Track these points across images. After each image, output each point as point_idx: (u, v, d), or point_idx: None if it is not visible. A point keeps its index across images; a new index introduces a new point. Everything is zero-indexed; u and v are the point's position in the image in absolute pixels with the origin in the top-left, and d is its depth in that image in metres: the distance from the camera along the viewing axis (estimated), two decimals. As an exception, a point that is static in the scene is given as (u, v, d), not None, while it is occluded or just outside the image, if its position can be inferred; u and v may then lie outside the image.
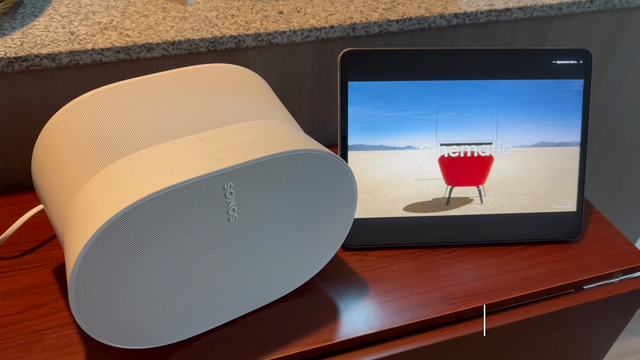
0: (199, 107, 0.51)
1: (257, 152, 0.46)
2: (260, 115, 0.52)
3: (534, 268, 0.65)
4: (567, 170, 0.68)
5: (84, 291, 0.43)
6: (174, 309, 0.50)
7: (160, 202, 0.42)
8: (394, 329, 0.58)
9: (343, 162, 0.51)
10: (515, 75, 0.65)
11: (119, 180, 0.44)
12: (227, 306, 0.54)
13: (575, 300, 0.64)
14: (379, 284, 0.62)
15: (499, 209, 0.67)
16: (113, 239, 0.42)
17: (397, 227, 0.65)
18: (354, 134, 0.64)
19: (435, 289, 0.62)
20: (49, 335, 0.54)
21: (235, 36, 0.68)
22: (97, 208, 0.43)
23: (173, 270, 0.47)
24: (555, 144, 0.67)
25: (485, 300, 0.61)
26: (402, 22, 0.74)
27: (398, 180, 0.65)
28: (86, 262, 0.42)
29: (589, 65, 0.66)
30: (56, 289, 0.59)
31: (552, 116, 0.67)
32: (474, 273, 0.64)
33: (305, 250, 0.55)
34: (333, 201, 0.53)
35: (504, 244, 0.68)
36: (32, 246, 0.63)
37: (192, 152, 0.46)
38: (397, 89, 0.64)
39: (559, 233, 0.68)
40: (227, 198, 0.46)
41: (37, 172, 0.53)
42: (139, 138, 0.47)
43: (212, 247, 0.48)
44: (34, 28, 0.66)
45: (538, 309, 0.63)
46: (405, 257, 0.65)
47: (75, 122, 0.50)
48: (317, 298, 0.60)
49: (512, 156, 0.67)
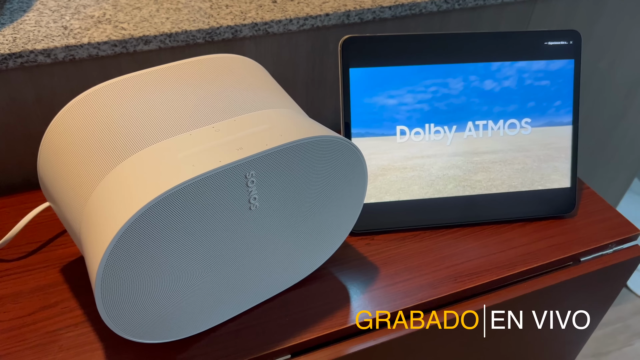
0: (209, 97, 0.51)
1: (276, 140, 0.46)
2: (270, 104, 0.52)
3: (534, 243, 0.68)
4: (560, 149, 0.70)
5: (110, 287, 0.43)
6: (195, 301, 0.50)
7: (185, 194, 0.42)
8: (406, 310, 0.59)
9: (356, 147, 0.52)
10: (510, 57, 0.67)
11: (140, 174, 0.44)
12: (245, 295, 0.54)
13: (574, 272, 0.67)
14: (388, 267, 0.63)
15: (498, 188, 0.69)
16: (139, 232, 0.42)
17: (401, 210, 0.67)
18: (357, 121, 0.65)
19: (442, 269, 0.64)
20: (64, 335, 0.54)
21: (232, 26, 0.67)
22: (122, 202, 0.42)
23: (195, 262, 0.47)
24: (549, 123, 0.70)
25: (491, 277, 0.63)
26: (395, 9, 0.74)
27: (400, 165, 0.66)
28: (113, 257, 0.42)
29: (578, 45, 0.68)
30: (66, 288, 0.58)
31: (544, 97, 0.69)
32: (478, 251, 0.66)
33: (319, 236, 0.56)
34: (346, 186, 0.54)
35: (504, 222, 0.70)
36: (35, 247, 0.62)
37: (210, 143, 0.46)
38: (398, 75, 0.64)
39: (555, 209, 0.71)
40: (248, 187, 0.46)
41: (46, 171, 0.52)
42: (152, 131, 0.47)
43: (233, 236, 0.48)
44: (24, 23, 0.64)
45: (541, 282, 0.65)
46: (411, 239, 0.67)
47: (84, 117, 0.49)
48: (329, 283, 0.61)
49: (508, 137, 0.69)
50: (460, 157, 0.68)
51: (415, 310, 0.60)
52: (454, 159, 0.68)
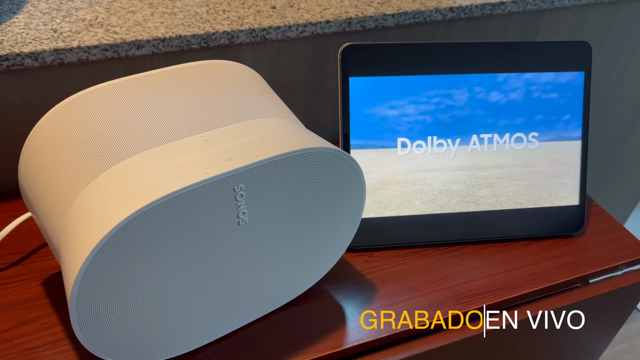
0: (199, 105, 0.48)
1: (268, 151, 0.44)
2: (263, 113, 0.50)
3: (540, 263, 0.65)
4: (569, 165, 0.67)
5: (86, 305, 0.40)
6: (178, 320, 0.47)
7: (169, 207, 0.40)
8: (406, 332, 0.56)
9: (353, 160, 0.49)
10: (517, 68, 0.64)
11: (121, 185, 0.41)
12: (234, 314, 0.52)
13: (582, 294, 0.63)
14: (387, 285, 0.60)
15: (503, 205, 0.66)
16: (118, 248, 0.39)
17: (401, 226, 0.64)
18: (356, 131, 0.62)
19: (444, 289, 0.61)
20: (42, 353, 0.51)
21: (228, 32, 0.65)
22: (100, 215, 0.40)
23: (179, 280, 0.44)
24: (557, 138, 0.67)
25: (494, 298, 0.60)
26: (398, 17, 0.72)
27: (401, 179, 0.63)
28: (89, 275, 0.39)
29: (588, 57, 0.66)
30: (47, 303, 0.55)
31: (553, 110, 0.66)
32: (482, 270, 0.63)
33: (313, 253, 0.53)
34: (342, 200, 0.51)
35: (509, 240, 0.67)
36: (17, 258, 0.59)
37: (198, 153, 0.43)
38: (400, 84, 0.62)
39: (563, 227, 0.67)
40: (237, 201, 0.43)
41: (26, 179, 0.49)
42: (138, 140, 0.44)
43: (220, 253, 0.45)
44: (13, 25, 0.62)
45: (546, 304, 0.62)
46: (411, 257, 0.64)
47: (67, 124, 0.47)
48: (325, 302, 0.58)
49: (515, 151, 0.66)
50: (464, 171, 0.65)
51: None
52: (458, 174, 0.65)
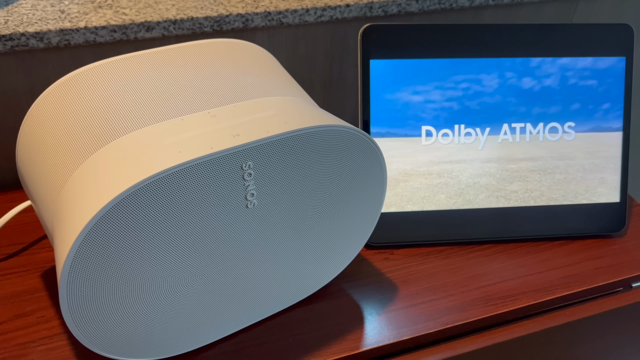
0: (208, 82, 0.45)
1: (279, 127, 0.40)
2: (276, 92, 0.46)
3: (578, 265, 0.60)
4: (608, 158, 0.62)
5: (78, 292, 0.37)
6: (181, 314, 0.43)
7: (168, 183, 0.36)
8: (429, 335, 0.52)
9: (373, 141, 0.45)
10: (552, 52, 0.60)
11: (118, 161, 0.37)
12: (242, 311, 0.47)
13: (624, 299, 0.58)
14: (409, 285, 0.56)
15: (536, 201, 0.61)
16: (112, 227, 0.35)
17: (425, 222, 0.59)
18: (377, 118, 0.58)
19: (472, 290, 0.56)
20: (36, 348, 0.47)
21: (242, 14, 0.62)
22: (93, 192, 0.36)
23: (181, 267, 0.40)
24: (596, 129, 0.62)
25: (527, 301, 0.55)
26: (422, 2, 0.68)
27: (426, 170, 0.59)
28: (80, 257, 0.35)
29: (630, 41, 0.61)
30: (44, 296, 0.52)
31: (591, 98, 0.61)
32: (513, 271, 0.58)
33: (328, 246, 0.49)
34: (361, 189, 0.47)
35: (543, 239, 0.62)
36: (17, 249, 0.57)
37: (203, 129, 0.39)
38: (425, 68, 0.58)
39: (602, 226, 0.62)
40: (245, 180, 0.39)
41: (23, 162, 0.46)
42: (140, 115, 0.41)
43: (226, 238, 0.41)
44: (19, 7, 0.59)
45: (585, 309, 0.57)
46: (435, 255, 0.59)
47: (64, 102, 0.44)
48: (341, 301, 0.54)
49: (549, 143, 0.61)
50: (494, 163, 0.60)
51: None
52: (487, 166, 0.60)
